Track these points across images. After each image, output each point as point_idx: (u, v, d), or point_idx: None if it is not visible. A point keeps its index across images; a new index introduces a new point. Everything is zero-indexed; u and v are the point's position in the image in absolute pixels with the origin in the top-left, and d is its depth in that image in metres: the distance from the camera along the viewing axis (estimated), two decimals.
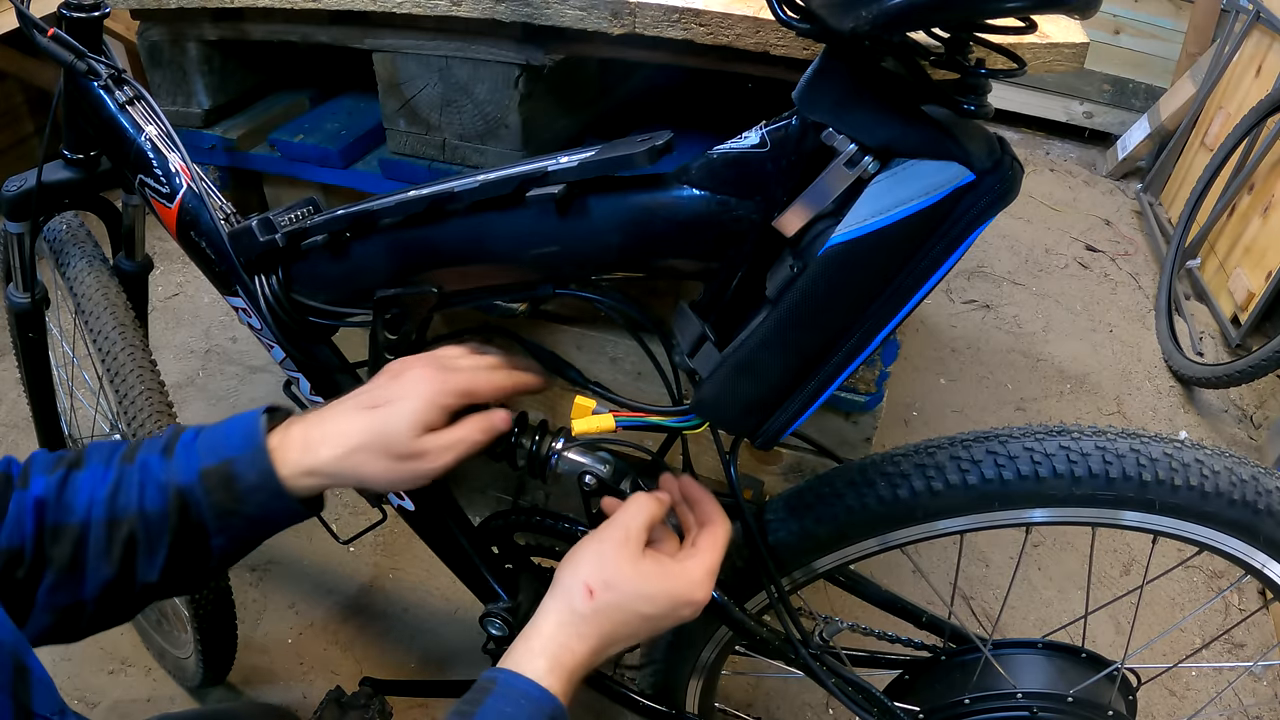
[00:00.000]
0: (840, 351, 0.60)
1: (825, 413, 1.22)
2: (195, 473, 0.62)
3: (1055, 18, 0.92)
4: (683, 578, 0.61)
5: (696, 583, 0.61)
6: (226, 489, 0.61)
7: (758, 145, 0.60)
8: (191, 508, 0.61)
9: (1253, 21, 2.57)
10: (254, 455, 0.62)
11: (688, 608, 0.61)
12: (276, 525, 0.65)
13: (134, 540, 0.60)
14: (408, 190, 0.68)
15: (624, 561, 0.60)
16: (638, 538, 0.62)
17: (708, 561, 0.62)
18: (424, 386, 0.64)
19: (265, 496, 0.62)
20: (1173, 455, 0.68)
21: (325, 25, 1.08)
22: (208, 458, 0.62)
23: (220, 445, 0.63)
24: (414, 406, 0.63)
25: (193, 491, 0.61)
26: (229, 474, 0.62)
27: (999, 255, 2.62)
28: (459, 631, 1.42)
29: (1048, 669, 0.83)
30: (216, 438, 0.64)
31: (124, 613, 0.64)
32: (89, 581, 0.60)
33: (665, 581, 0.60)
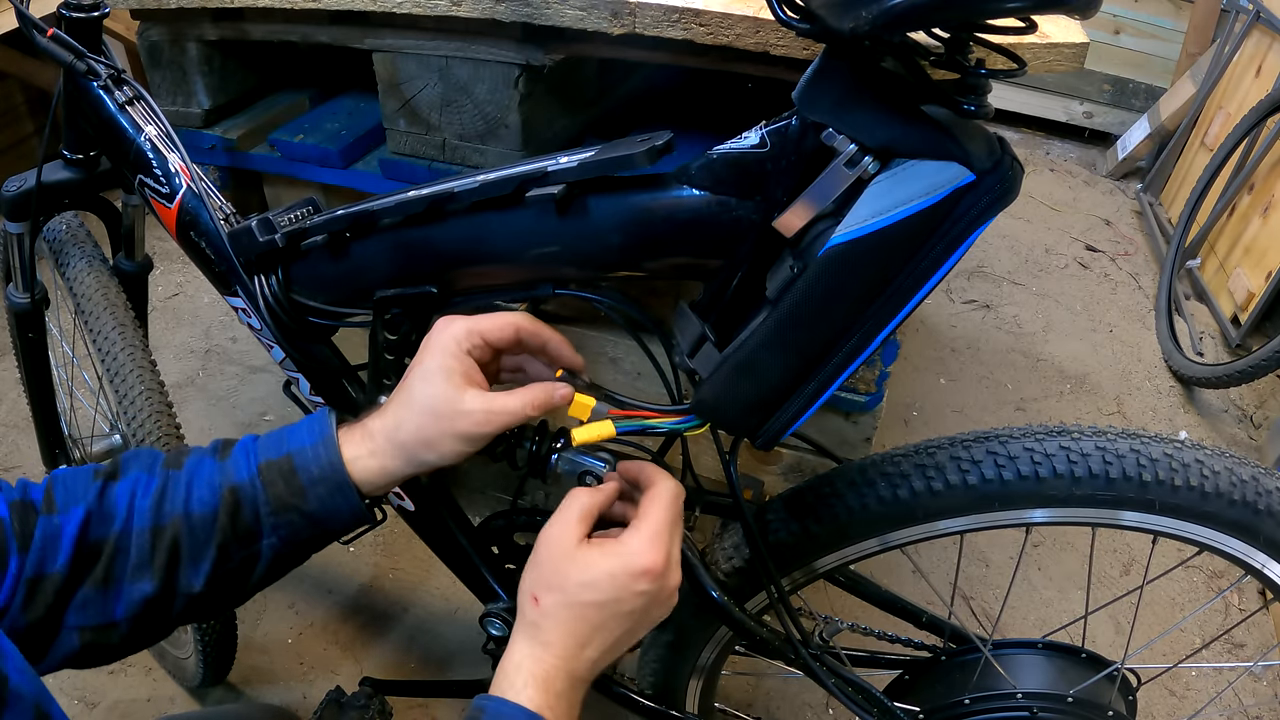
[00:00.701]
0: (840, 352, 0.60)
1: (825, 413, 1.22)
2: (254, 468, 0.60)
3: (1055, 18, 0.92)
4: (622, 552, 0.56)
5: (639, 551, 0.56)
6: (287, 481, 0.59)
7: (758, 145, 0.60)
8: (244, 506, 0.59)
9: (1253, 21, 2.57)
10: (320, 446, 0.60)
11: (643, 579, 0.56)
12: (333, 525, 0.62)
13: (178, 546, 0.58)
14: (407, 190, 0.68)
15: (558, 558, 0.57)
16: (572, 532, 0.58)
17: (648, 525, 0.58)
18: (434, 341, 0.62)
19: (327, 490, 0.60)
20: (1173, 455, 0.68)
21: (325, 25, 1.08)
22: (268, 452, 0.61)
23: (283, 440, 0.61)
24: (431, 362, 0.60)
25: (248, 488, 0.59)
26: (290, 466, 0.60)
27: (999, 255, 2.62)
28: (459, 631, 1.42)
29: (1048, 669, 0.83)
30: (279, 435, 0.62)
31: (158, 632, 0.61)
32: (124, 597, 0.57)
33: (604, 561, 0.56)
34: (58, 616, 0.56)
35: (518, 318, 0.63)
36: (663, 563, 0.56)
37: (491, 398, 0.60)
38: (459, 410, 0.59)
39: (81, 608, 0.56)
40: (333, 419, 0.62)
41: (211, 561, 0.59)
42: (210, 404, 1.87)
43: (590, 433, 0.66)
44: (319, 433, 0.61)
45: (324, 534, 0.62)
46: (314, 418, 0.63)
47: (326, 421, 0.62)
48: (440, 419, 0.59)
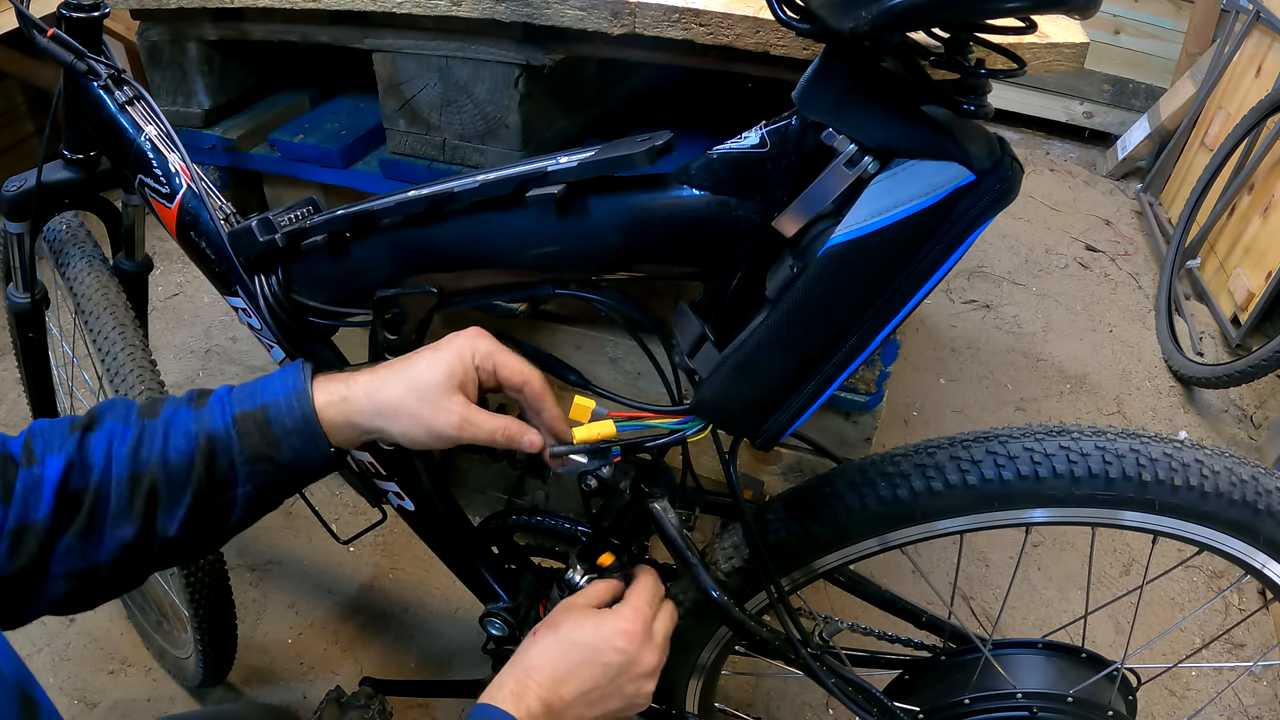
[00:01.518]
0: (840, 352, 0.60)
1: (825, 413, 1.22)
2: (229, 418, 0.62)
3: (1055, 18, 0.92)
4: (609, 615, 0.67)
5: (622, 616, 0.66)
6: (261, 432, 0.62)
7: (758, 145, 0.60)
8: (220, 455, 0.61)
9: (1253, 21, 2.57)
10: (294, 398, 0.63)
11: (621, 638, 0.65)
12: (305, 474, 0.65)
13: (155, 492, 0.60)
14: (407, 190, 0.68)
15: (563, 610, 0.68)
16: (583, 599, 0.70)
17: (631, 601, 0.68)
18: (457, 341, 0.66)
19: (300, 441, 0.62)
20: (1173, 455, 0.68)
21: (325, 25, 1.08)
22: (244, 403, 0.63)
23: (258, 391, 0.63)
24: (443, 355, 0.65)
25: (223, 437, 0.61)
26: (265, 418, 0.62)
27: (999, 255, 2.62)
28: (459, 631, 1.42)
29: (1048, 669, 0.83)
30: (254, 386, 0.64)
31: (138, 576, 0.64)
32: (106, 544, 0.59)
33: (593, 618, 0.66)
34: (42, 565, 0.58)
35: (533, 377, 0.67)
36: (639, 630, 0.66)
37: (472, 410, 0.64)
38: (441, 405, 0.63)
39: (65, 555, 0.58)
40: (308, 370, 0.65)
41: (187, 508, 0.61)
42: None
43: (591, 432, 0.67)
44: (293, 385, 0.63)
45: (297, 481, 0.65)
46: (290, 369, 0.65)
47: (300, 374, 0.64)
48: (422, 402, 0.63)
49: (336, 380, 0.65)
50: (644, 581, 0.71)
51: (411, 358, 0.65)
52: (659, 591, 0.72)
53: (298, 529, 1.58)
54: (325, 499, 1.62)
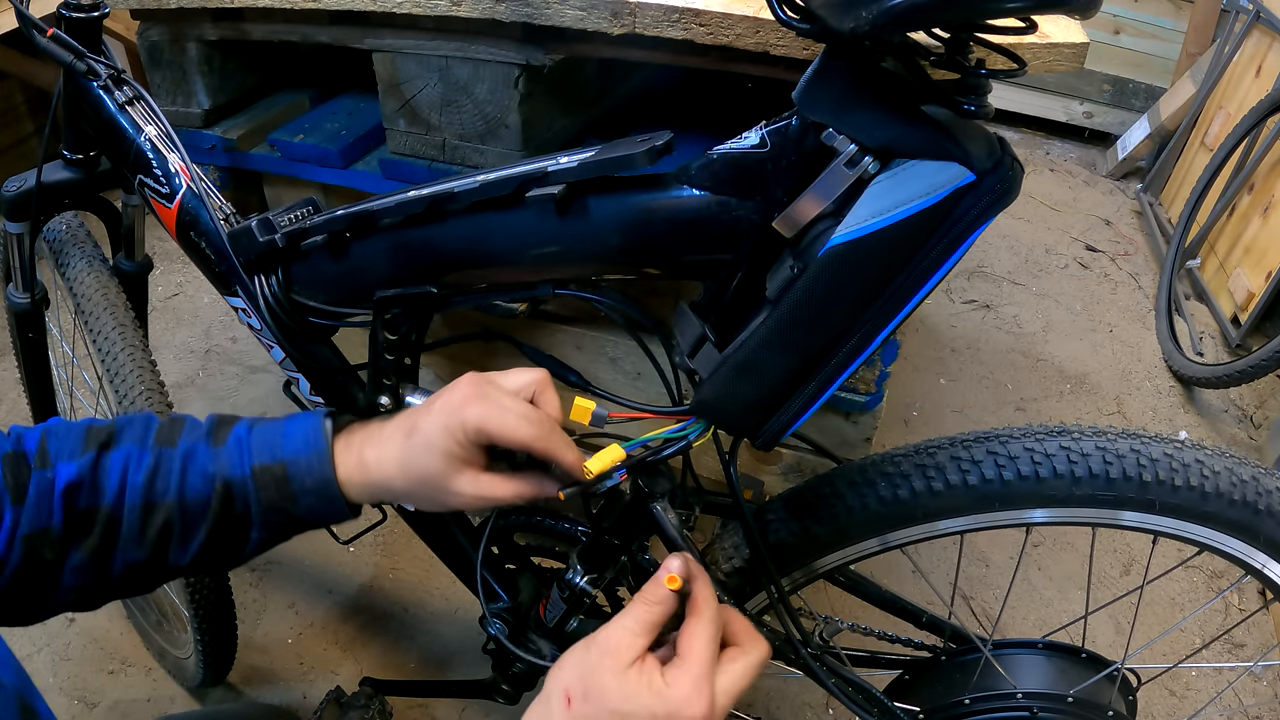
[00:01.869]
0: (840, 352, 0.60)
1: (825, 413, 1.22)
2: (247, 469, 0.61)
3: (1055, 18, 0.92)
4: (669, 696, 0.52)
5: (685, 699, 0.52)
6: (280, 488, 0.61)
7: (758, 145, 0.60)
8: (236, 500, 0.61)
9: (1253, 21, 2.57)
10: (315, 458, 0.62)
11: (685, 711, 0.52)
12: (320, 525, 0.64)
13: (169, 526, 0.60)
14: (407, 190, 0.68)
15: (606, 672, 0.53)
16: (629, 646, 0.54)
17: (696, 667, 0.53)
18: (443, 416, 0.60)
19: (318, 501, 0.62)
20: (1173, 455, 0.68)
21: (325, 25, 1.08)
22: (262, 455, 0.62)
23: (277, 445, 0.62)
24: (432, 439, 0.60)
25: (242, 486, 0.61)
26: (284, 474, 0.61)
27: (999, 255, 2.62)
28: (459, 631, 1.42)
29: (1048, 669, 0.83)
30: (274, 437, 0.63)
31: (148, 588, 0.65)
32: (117, 562, 0.60)
33: (649, 699, 0.52)
34: (55, 575, 0.58)
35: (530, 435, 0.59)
36: (706, 712, 0.52)
37: (482, 484, 0.61)
38: (449, 489, 0.61)
39: (76, 569, 0.58)
40: (329, 429, 0.63)
41: (200, 543, 0.61)
42: (210, 404, 1.87)
43: (602, 462, 0.65)
44: (313, 444, 0.62)
45: (310, 528, 0.65)
46: (311, 425, 0.64)
47: (321, 433, 0.63)
48: (430, 489, 0.61)
49: (355, 442, 0.63)
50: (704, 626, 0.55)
51: (409, 441, 0.61)
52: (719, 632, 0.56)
53: None
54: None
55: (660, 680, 0.53)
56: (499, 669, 0.92)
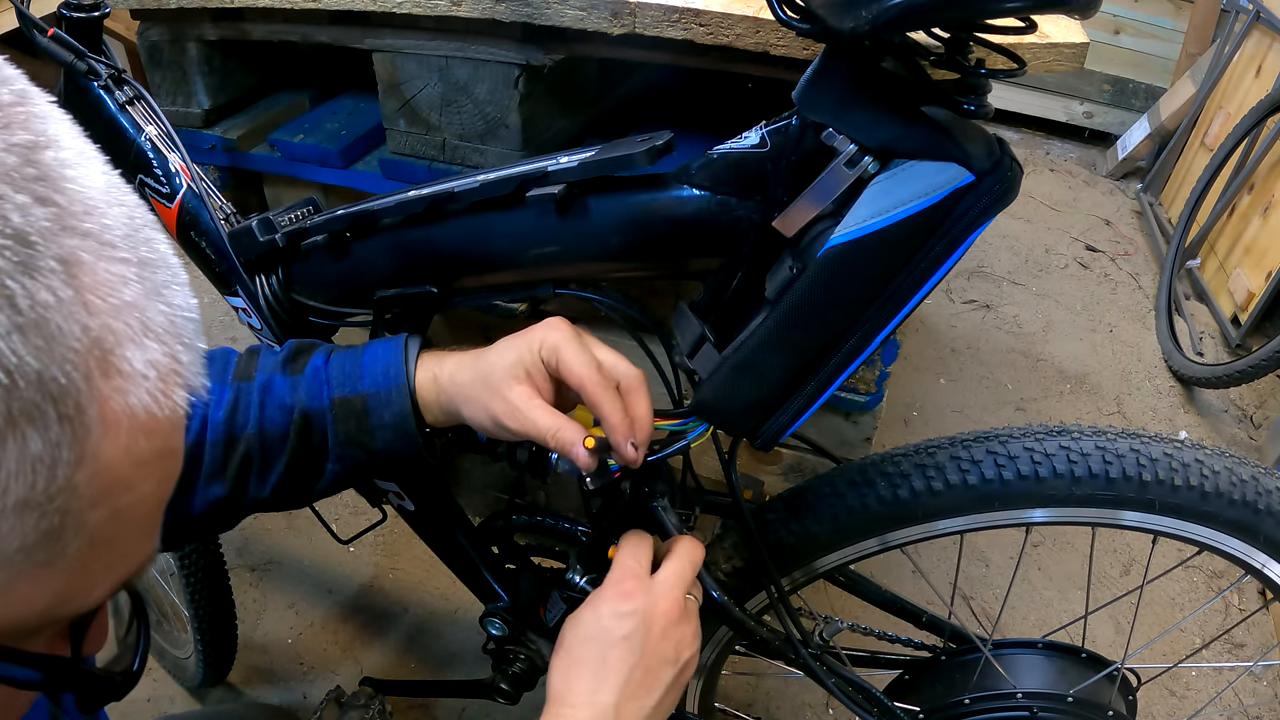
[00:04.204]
0: (840, 352, 0.60)
1: (825, 413, 1.22)
2: (325, 400, 0.61)
3: (1055, 18, 0.92)
4: (599, 592, 0.60)
5: (610, 581, 0.60)
6: (359, 421, 0.61)
7: (758, 145, 0.60)
8: (315, 433, 0.61)
9: (1253, 21, 2.57)
10: (395, 393, 0.61)
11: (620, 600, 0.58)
12: (395, 462, 0.64)
13: (249, 459, 0.60)
14: (408, 190, 0.68)
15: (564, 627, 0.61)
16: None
17: (618, 563, 0.61)
18: (535, 329, 0.62)
19: (395, 435, 0.62)
20: (1173, 455, 0.68)
21: (325, 25, 1.08)
22: (343, 387, 0.62)
23: (357, 377, 0.62)
24: (516, 343, 0.61)
25: (320, 417, 0.61)
26: (364, 407, 0.61)
27: (999, 255, 2.62)
28: (459, 631, 1.42)
29: (1048, 669, 0.83)
30: (352, 367, 0.63)
31: (227, 525, 0.65)
32: (198, 499, 0.60)
33: (586, 607, 0.59)
34: None
35: (590, 379, 0.60)
36: (634, 584, 0.58)
37: (531, 404, 0.60)
38: (501, 394, 0.60)
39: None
40: (413, 356, 0.63)
41: (279, 475, 0.62)
42: None
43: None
44: (394, 377, 0.62)
45: (385, 467, 0.65)
46: (393, 358, 0.63)
47: (402, 364, 0.62)
48: (486, 389, 0.61)
49: (432, 361, 0.64)
50: (625, 541, 0.64)
51: (496, 344, 0.63)
52: (645, 540, 0.64)
53: (298, 529, 1.58)
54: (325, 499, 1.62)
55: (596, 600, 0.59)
56: (499, 669, 0.92)
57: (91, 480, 0.28)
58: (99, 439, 0.28)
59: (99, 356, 0.28)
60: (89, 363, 0.27)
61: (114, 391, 0.28)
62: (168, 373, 0.30)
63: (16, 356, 0.25)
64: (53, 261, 0.26)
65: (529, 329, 0.62)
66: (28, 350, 0.25)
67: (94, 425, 0.28)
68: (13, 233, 0.25)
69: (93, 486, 0.28)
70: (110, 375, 0.28)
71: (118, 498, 0.30)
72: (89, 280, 0.28)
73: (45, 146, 0.28)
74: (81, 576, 0.30)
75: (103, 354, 0.28)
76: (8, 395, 0.25)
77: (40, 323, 0.26)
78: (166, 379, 0.30)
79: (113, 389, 0.28)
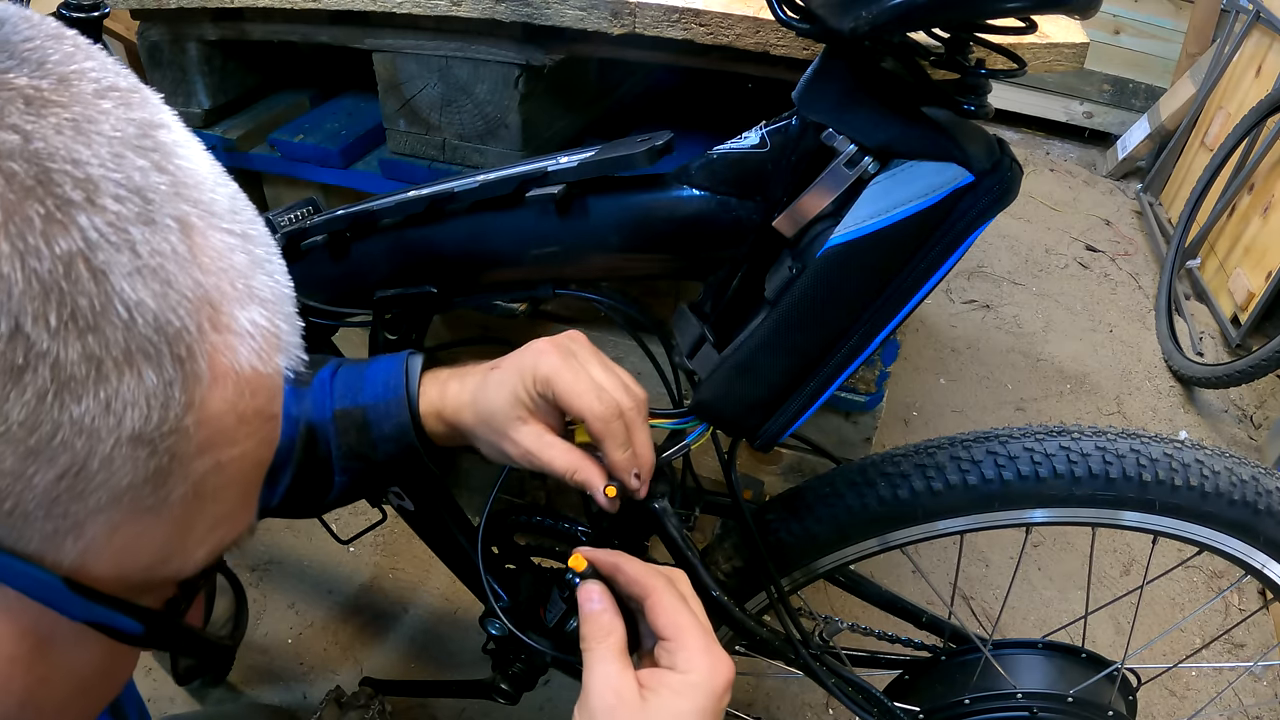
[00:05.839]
0: (839, 352, 0.60)
1: (825, 413, 1.22)
2: (328, 412, 0.61)
3: (1055, 18, 0.92)
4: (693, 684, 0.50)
5: (709, 671, 0.50)
6: (360, 432, 0.61)
7: (758, 145, 0.60)
8: (319, 443, 0.61)
9: (1253, 21, 2.57)
10: (393, 405, 0.61)
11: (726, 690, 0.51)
12: (399, 472, 0.64)
13: None
14: (407, 190, 0.68)
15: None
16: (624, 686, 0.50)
17: (694, 640, 0.51)
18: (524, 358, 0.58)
19: (396, 448, 0.62)
20: (1173, 455, 0.68)
21: (325, 25, 1.08)
22: (344, 399, 0.62)
23: (358, 389, 0.62)
24: (506, 377, 0.58)
25: (324, 429, 0.61)
26: (364, 419, 0.61)
27: (999, 255, 2.62)
28: (459, 631, 1.42)
29: (1048, 669, 0.83)
30: (355, 379, 0.63)
31: None
32: None
33: (684, 699, 0.50)
34: None
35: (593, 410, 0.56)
36: (729, 663, 0.51)
37: (542, 444, 0.58)
38: (509, 437, 0.59)
39: None
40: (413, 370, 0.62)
41: (286, 485, 0.62)
42: None
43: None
44: (394, 388, 0.62)
45: (391, 476, 0.65)
46: (393, 369, 0.63)
47: (402, 376, 0.62)
48: (492, 432, 0.59)
49: (442, 377, 0.62)
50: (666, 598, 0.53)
51: (487, 375, 0.60)
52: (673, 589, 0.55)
53: (298, 529, 1.57)
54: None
55: (675, 678, 0.50)
56: (499, 669, 0.92)
57: (199, 427, 0.30)
58: (208, 387, 0.30)
59: (209, 311, 0.30)
60: (200, 314, 0.29)
61: (222, 345, 0.30)
62: (270, 337, 0.32)
63: (136, 295, 0.27)
64: (169, 220, 0.29)
65: (517, 355, 0.59)
66: (146, 292, 0.28)
67: (203, 374, 0.30)
68: (135, 188, 0.28)
69: (200, 434, 0.30)
70: (219, 329, 0.30)
71: (221, 450, 0.31)
72: (201, 242, 0.30)
73: (160, 126, 0.31)
74: (183, 531, 0.32)
75: (213, 309, 0.30)
76: (127, 330, 0.27)
77: (158, 269, 0.28)
78: (269, 342, 0.32)
79: (221, 343, 0.30)
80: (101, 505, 0.29)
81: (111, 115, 0.29)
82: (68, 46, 0.30)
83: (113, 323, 0.27)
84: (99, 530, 0.29)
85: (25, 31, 0.29)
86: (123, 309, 0.27)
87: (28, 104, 0.27)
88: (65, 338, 0.26)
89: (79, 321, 0.26)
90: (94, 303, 0.27)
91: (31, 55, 0.29)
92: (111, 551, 0.30)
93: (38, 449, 0.27)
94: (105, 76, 0.30)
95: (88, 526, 0.29)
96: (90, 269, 0.27)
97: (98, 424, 0.27)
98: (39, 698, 0.32)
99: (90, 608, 0.30)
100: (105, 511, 0.29)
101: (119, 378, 0.27)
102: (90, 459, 0.28)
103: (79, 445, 0.27)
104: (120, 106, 0.30)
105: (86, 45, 0.31)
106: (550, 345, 0.58)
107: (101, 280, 0.27)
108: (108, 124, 0.29)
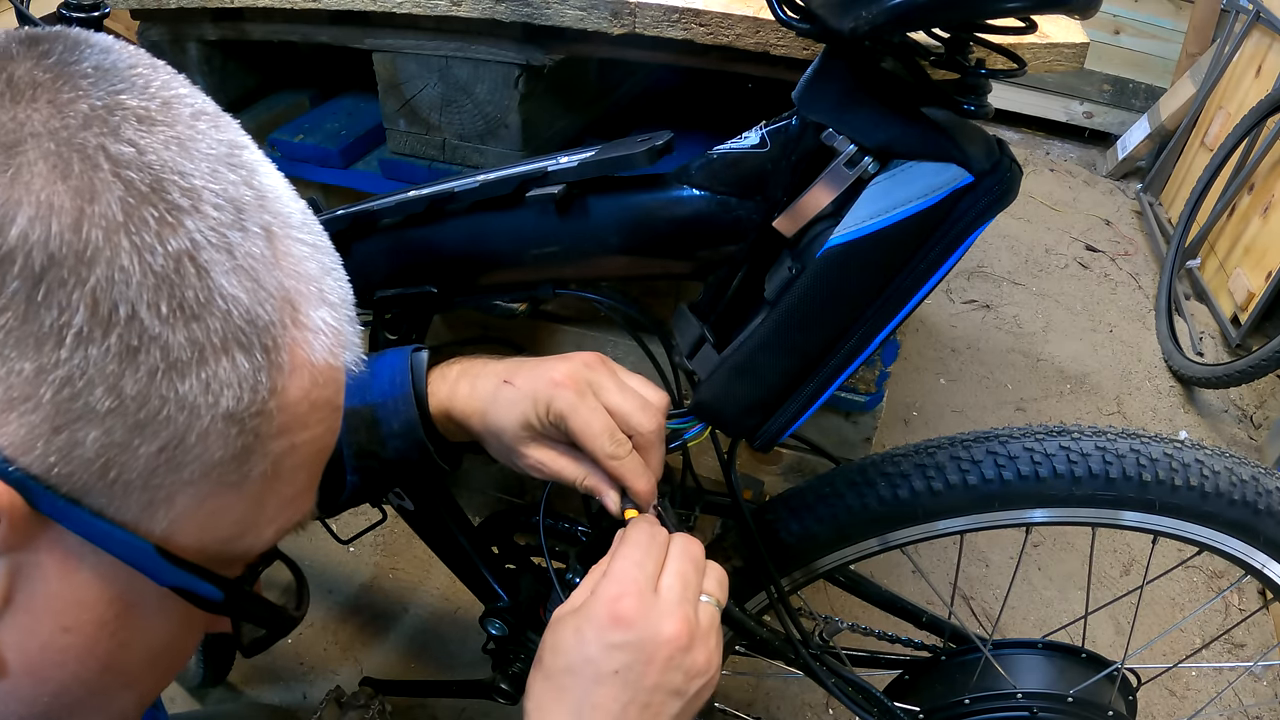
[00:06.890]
0: (839, 353, 0.60)
1: (825, 413, 1.22)
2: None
3: (1055, 18, 0.92)
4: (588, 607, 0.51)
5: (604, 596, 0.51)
6: (369, 430, 0.62)
7: (758, 145, 0.60)
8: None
9: (1253, 21, 2.57)
10: (400, 403, 0.61)
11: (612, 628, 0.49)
12: (409, 470, 0.64)
13: None
14: (407, 190, 0.68)
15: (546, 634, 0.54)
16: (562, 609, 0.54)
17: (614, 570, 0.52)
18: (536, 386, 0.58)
19: (405, 444, 0.62)
20: (1173, 455, 0.68)
21: (325, 25, 1.08)
22: (353, 397, 0.61)
23: (367, 387, 0.62)
24: (518, 400, 0.58)
25: None
26: (372, 417, 0.62)
27: (999, 255, 2.62)
28: (459, 631, 1.42)
29: (1048, 669, 0.83)
30: (364, 378, 0.62)
31: None
32: None
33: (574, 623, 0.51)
34: None
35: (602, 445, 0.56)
36: (633, 602, 0.49)
37: (553, 460, 0.59)
38: (520, 453, 0.60)
39: None
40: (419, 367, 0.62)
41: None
42: None
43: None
44: (400, 385, 0.62)
45: (401, 474, 0.66)
46: (398, 366, 0.62)
47: (407, 373, 0.62)
48: (502, 447, 0.61)
49: (452, 374, 0.62)
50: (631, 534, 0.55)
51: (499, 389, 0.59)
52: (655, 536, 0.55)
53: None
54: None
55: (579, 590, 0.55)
56: (499, 669, 0.92)
57: (280, 411, 0.34)
58: (288, 376, 0.34)
59: (290, 309, 0.34)
60: (283, 311, 0.34)
61: (301, 340, 0.34)
62: (338, 335, 0.37)
63: (233, 291, 0.32)
64: (257, 227, 0.33)
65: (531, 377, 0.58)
66: (240, 289, 0.32)
67: (285, 363, 0.34)
68: (229, 198, 0.33)
69: (280, 417, 0.34)
70: (299, 326, 0.34)
71: (296, 434, 0.35)
72: (281, 248, 0.34)
73: (243, 147, 0.35)
74: (258, 508, 0.36)
75: (293, 307, 0.34)
76: (225, 321, 0.31)
77: (250, 269, 0.32)
78: (338, 340, 0.37)
79: (300, 337, 0.34)
80: (194, 478, 0.32)
81: (207, 135, 0.33)
82: (164, 74, 0.35)
83: (213, 313, 0.31)
84: (188, 502, 0.33)
85: (129, 60, 0.34)
86: (222, 302, 0.31)
87: (140, 122, 0.31)
88: (174, 324, 0.30)
89: (186, 310, 0.30)
90: (198, 295, 0.31)
91: (137, 80, 0.33)
92: (196, 524, 0.34)
93: (145, 422, 0.30)
94: (196, 101, 0.35)
95: (179, 498, 0.33)
96: (196, 266, 0.31)
97: (198, 401, 0.31)
98: (119, 663, 0.35)
99: (177, 573, 0.34)
100: (195, 484, 0.33)
101: (217, 362, 0.31)
102: (189, 433, 0.31)
103: (180, 420, 0.31)
104: (212, 128, 0.34)
105: (176, 73, 0.35)
106: (568, 380, 0.57)
107: (205, 276, 0.31)
108: (204, 142, 0.33)
